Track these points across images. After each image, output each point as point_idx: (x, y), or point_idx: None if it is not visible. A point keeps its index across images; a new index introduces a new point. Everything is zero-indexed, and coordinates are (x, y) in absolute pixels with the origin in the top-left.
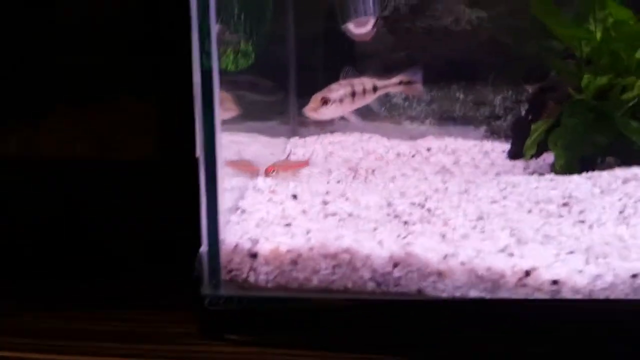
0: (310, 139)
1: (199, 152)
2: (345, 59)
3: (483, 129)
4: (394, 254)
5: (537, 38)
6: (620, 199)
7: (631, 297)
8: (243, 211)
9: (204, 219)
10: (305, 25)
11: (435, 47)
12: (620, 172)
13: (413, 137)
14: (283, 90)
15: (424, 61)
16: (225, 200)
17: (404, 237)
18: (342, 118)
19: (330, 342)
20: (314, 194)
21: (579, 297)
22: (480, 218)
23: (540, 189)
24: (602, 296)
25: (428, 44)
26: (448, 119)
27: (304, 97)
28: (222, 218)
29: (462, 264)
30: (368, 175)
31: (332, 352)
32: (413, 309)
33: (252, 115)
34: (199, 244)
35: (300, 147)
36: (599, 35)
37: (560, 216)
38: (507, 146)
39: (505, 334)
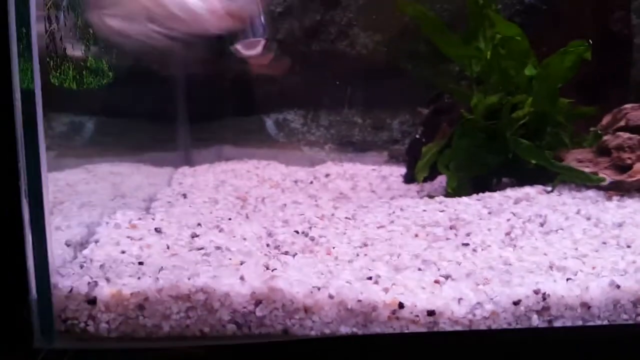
0: (201, 168)
1: (22, 182)
2: (240, 83)
3: (385, 154)
4: (257, 291)
5: (434, 61)
6: (508, 220)
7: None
8: (91, 250)
9: (30, 259)
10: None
11: (331, 71)
12: (512, 192)
13: (314, 163)
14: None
15: (321, 85)
16: (66, 236)
17: (273, 270)
18: None
19: None
20: (183, 227)
21: (457, 328)
22: (364, 245)
23: (428, 212)
24: (483, 326)
25: (324, 68)
26: (347, 144)
27: (194, 124)
28: (56, 259)
29: (331, 297)
30: (258, 204)
31: None
32: (279, 351)
33: (136, 143)
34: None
35: (189, 176)
36: (488, 53)
37: (447, 239)
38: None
39: None
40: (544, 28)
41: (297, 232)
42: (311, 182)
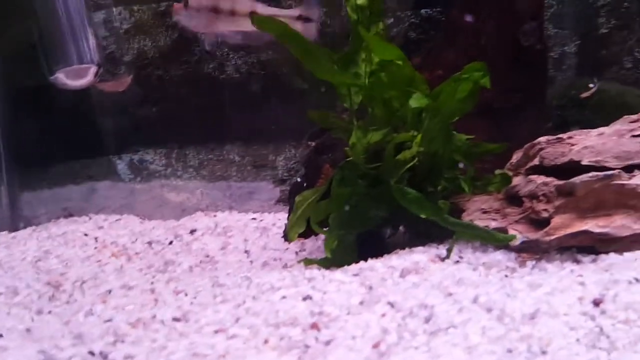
0: (23, 233)
1: None
2: (81, 121)
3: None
4: None
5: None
6: (383, 315)
7: None
8: None
9: None
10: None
11: (197, 99)
12: (398, 261)
13: (180, 214)
14: None
15: (185, 117)
16: None
17: None
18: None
19: None
20: None
21: None
22: None
23: (288, 299)
24: None
25: (188, 96)
26: (223, 187)
27: (24, 169)
28: None
29: None
30: (74, 290)
31: None
32: None
33: None
34: None
35: (2, 247)
36: (367, 80)
37: (306, 346)
38: None
39: None
40: (443, 43)
41: (92, 353)
42: (171, 243)
